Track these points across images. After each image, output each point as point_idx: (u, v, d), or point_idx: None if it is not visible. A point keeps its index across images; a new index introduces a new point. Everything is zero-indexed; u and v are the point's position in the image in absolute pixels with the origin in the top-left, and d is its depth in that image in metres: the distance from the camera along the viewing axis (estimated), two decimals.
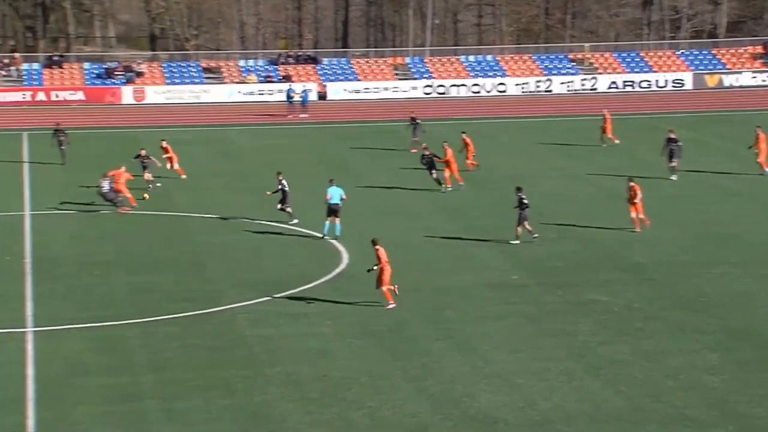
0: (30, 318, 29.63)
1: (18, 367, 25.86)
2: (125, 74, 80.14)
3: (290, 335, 28.49)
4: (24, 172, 51.50)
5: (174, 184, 48.86)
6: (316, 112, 72.60)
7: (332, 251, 36.97)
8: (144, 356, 26.86)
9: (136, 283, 33.26)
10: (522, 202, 37.35)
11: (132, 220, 41.82)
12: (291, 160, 55.40)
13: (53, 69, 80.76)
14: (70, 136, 54.65)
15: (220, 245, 37.84)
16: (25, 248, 37.21)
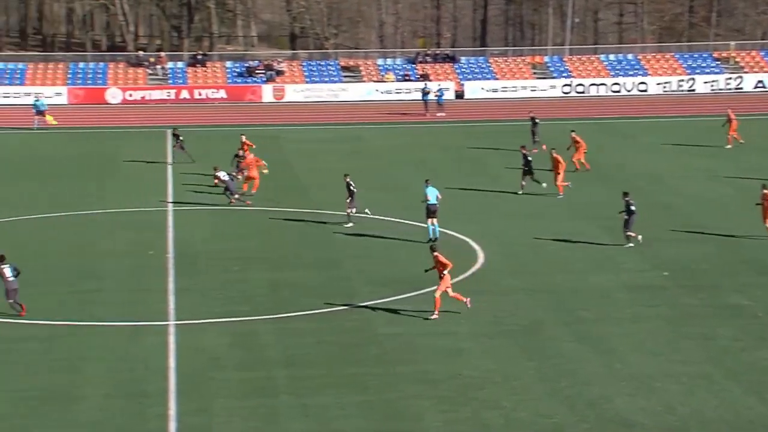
0: (172, 312, 30.30)
1: (160, 360, 26.47)
2: (266, 73, 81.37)
3: (423, 333, 28.51)
4: (168, 168, 52.70)
5: (313, 182, 49.41)
6: (453, 110, 72.53)
7: (468, 250, 36.89)
8: (279, 352, 27.20)
9: (272, 279, 33.71)
10: (629, 207, 36.59)
11: (269, 216, 42.41)
12: (428, 158, 55.48)
13: (197, 68, 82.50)
14: (210, 134, 55.69)
15: (355, 243, 38.11)
16: (167, 243, 38.06)
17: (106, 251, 37.01)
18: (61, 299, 31.48)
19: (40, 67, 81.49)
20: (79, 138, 62.48)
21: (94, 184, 48.66)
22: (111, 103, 77.24)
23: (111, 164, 53.54)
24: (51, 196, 46.10)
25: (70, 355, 26.84)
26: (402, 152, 57.97)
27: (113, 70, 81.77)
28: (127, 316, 29.89)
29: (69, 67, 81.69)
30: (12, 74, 79.96)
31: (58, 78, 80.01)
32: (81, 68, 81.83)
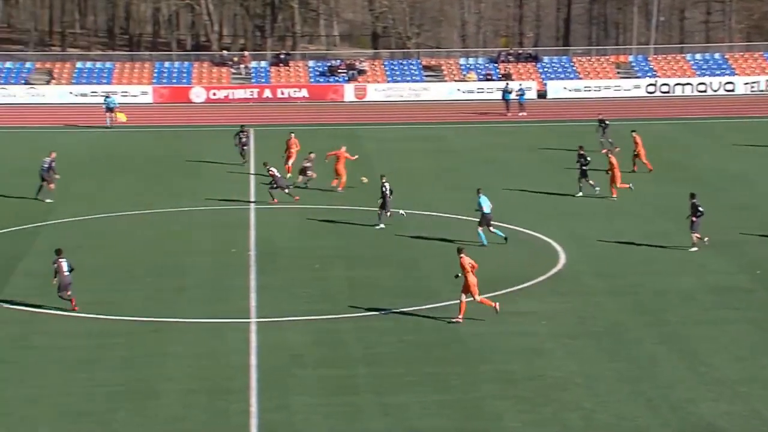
0: (254, 309, 30.52)
1: (243, 357, 26.67)
2: (348, 72, 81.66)
3: (505, 333, 28.37)
4: (251, 166, 53.11)
5: (393, 181, 49.36)
6: (535, 110, 72.12)
7: (550, 251, 36.64)
8: (360, 350, 27.25)
9: (353, 278, 33.79)
10: (697, 209, 35.92)
11: (349, 215, 42.52)
12: (509, 159, 55.24)
13: (279, 67, 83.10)
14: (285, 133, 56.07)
15: (435, 243, 38.03)
16: (249, 241, 38.36)
17: (189, 249, 37.41)
18: (145, 296, 31.88)
19: (127, 66, 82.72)
20: (164, 137, 63.26)
21: (179, 183, 49.22)
22: (195, 102, 78.11)
23: (195, 163, 54.12)
24: (137, 193, 46.72)
25: (154, 351, 27.15)
26: (483, 152, 57.77)
27: (197, 70, 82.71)
28: (210, 313, 30.17)
29: (154, 67, 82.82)
30: (99, 73, 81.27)
31: (144, 77, 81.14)
32: (166, 67, 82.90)
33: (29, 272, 34.20)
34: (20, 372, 25.66)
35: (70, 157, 53.35)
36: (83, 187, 47.83)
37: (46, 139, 62.56)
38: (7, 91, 77.38)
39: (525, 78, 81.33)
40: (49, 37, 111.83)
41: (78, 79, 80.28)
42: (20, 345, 27.44)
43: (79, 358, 26.57)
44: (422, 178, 50.38)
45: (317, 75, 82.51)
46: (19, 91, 77.53)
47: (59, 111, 74.03)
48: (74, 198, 45.55)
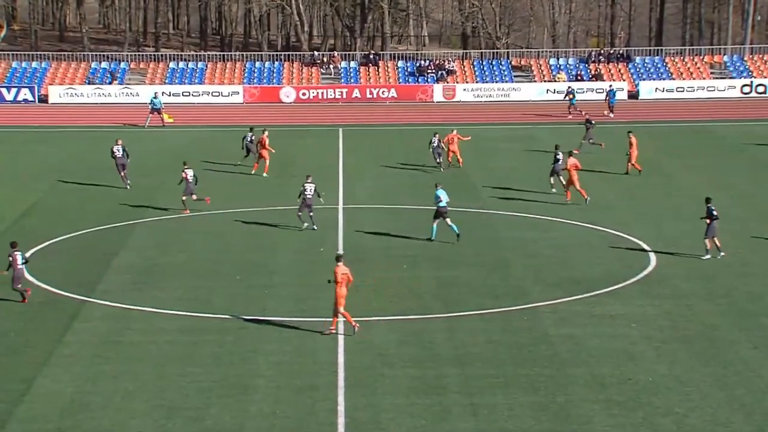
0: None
1: (331, 355, 26.73)
2: (437, 72, 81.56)
3: (595, 336, 28.05)
4: (339, 166, 53.32)
5: (482, 181, 49.24)
6: (627, 111, 71.27)
7: (640, 253, 36.17)
8: (448, 350, 27.15)
9: (441, 278, 33.70)
10: (712, 213, 34.97)
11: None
12: (601, 159, 54.66)
13: (369, 67, 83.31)
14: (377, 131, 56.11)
15: (525, 243, 37.79)
16: (338, 241, 38.48)
17: (279, 247, 37.65)
18: (235, 293, 32.14)
19: (218, 66, 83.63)
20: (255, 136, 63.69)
21: (270, 181, 49.56)
22: (285, 102, 78.68)
23: (285, 162, 54.44)
24: (229, 192, 47.13)
25: (244, 348, 27.35)
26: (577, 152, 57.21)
27: (288, 70, 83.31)
28: (298, 311, 30.31)
29: (245, 67, 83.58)
30: (192, 74, 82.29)
31: (235, 77, 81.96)
32: (257, 68, 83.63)
33: (123, 268, 34.72)
34: (115, 367, 26.03)
35: (165, 155, 53.99)
36: (176, 185, 48.38)
37: (137, 137, 63.52)
38: (102, 91, 78.68)
39: (616, 78, 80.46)
40: (143, 38, 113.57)
41: (171, 79, 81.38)
42: (114, 341, 27.84)
43: (172, 354, 26.87)
44: (513, 179, 50.12)
45: (406, 75, 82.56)
46: (114, 91, 78.78)
47: None
48: (167, 195, 46.12)
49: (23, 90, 78.33)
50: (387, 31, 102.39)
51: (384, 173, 50.63)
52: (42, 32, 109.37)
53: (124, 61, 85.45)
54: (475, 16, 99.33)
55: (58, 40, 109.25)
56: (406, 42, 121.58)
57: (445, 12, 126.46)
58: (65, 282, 32.88)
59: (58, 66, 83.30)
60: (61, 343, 27.58)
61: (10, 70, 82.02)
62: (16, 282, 30.77)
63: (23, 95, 78.30)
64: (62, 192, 47.64)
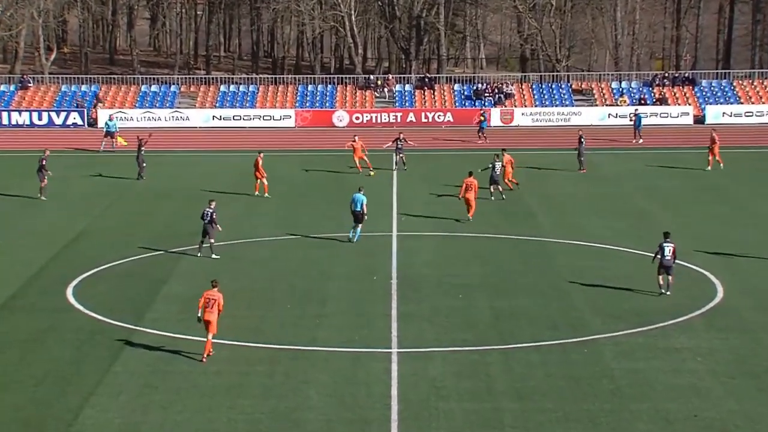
0: (395, 338, 30.57)
1: (383, 387, 26.70)
2: (494, 95, 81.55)
3: (659, 370, 27.77)
4: (393, 191, 53.39)
5: (540, 208, 49.08)
6: (691, 136, 70.77)
7: (706, 283, 35.82)
8: (505, 383, 27.01)
9: (497, 308, 33.57)
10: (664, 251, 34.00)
11: (493, 243, 42.38)
12: (663, 185, 54.36)
13: (424, 90, 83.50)
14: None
15: (584, 271, 37.57)
16: (391, 268, 38.50)
17: (331, 274, 37.72)
18: (285, 322, 32.23)
19: (270, 89, 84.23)
20: (308, 161, 64.03)
21: (322, 208, 49.73)
22: (337, 126, 79.01)
23: (338, 187, 54.64)
24: (280, 218, 47.35)
25: (294, 379, 27.39)
26: (636, 178, 56.99)
27: (341, 93, 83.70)
28: (350, 341, 30.32)
29: (297, 90, 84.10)
30: (243, 97, 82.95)
31: (287, 100, 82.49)
32: (309, 91, 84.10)
33: (172, 296, 34.97)
34: (163, 397, 26.18)
35: (217, 180, 54.39)
36: (229, 211, 48.74)
37: (190, 162, 64.11)
38: (152, 114, 79.52)
39: (681, 103, 79.95)
40: (194, 60, 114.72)
41: (221, 103, 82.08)
42: (163, 370, 28.00)
43: (221, 384, 26.98)
44: (573, 205, 49.93)
45: (462, 98, 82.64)
46: (165, 114, 79.58)
47: (203, 135, 75.75)
48: (221, 222, 46.42)
49: (72, 114, 79.37)
50: (443, 53, 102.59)
51: (439, 200, 50.61)
52: (92, 55, 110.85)
53: (174, 84, 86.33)
54: (535, 38, 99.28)
55: (109, 63, 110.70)
56: (462, 65, 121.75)
57: (503, 34, 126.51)
58: (114, 310, 33.17)
59: (108, 89, 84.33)
60: (109, 372, 27.81)
61: (59, 93, 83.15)
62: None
63: (72, 119, 79.36)
64: (111, 217, 48.12)
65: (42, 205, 50.67)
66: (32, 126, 78.50)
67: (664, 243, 34.15)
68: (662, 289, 34.22)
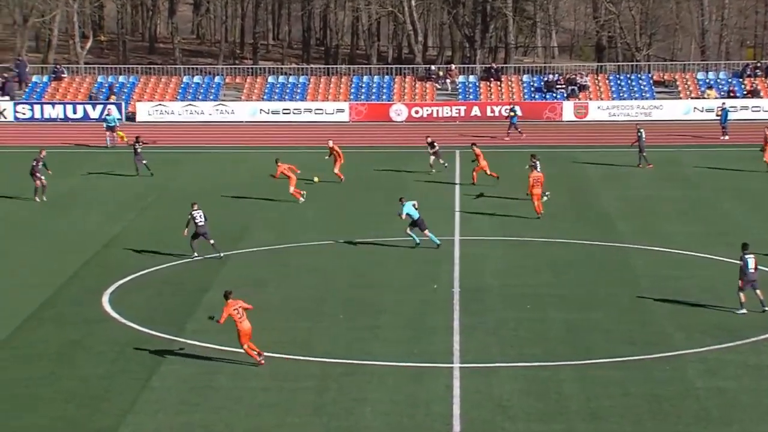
0: (457, 353, 30.47)
1: (444, 406, 26.61)
2: (567, 87, 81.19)
3: (750, 390, 27.46)
4: (455, 193, 53.30)
5: (617, 211, 48.77)
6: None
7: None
8: (579, 402, 26.83)
9: (570, 320, 33.37)
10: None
11: (565, 249, 42.16)
12: (753, 187, 53.81)
13: (490, 82, 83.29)
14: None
15: (667, 281, 37.26)
16: (453, 276, 38.40)
17: (385, 284, 37.70)
18: (337, 335, 32.24)
19: (322, 81, 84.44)
20: (363, 158, 64.05)
21: (377, 210, 49.72)
22: (395, 120, 79.04)
23: (396, 187, 54.60)
24: (329, 221, 47.43)
25: (347, 396, 27.39)
26: (723, 179, 56.47)
27: (399, 85, 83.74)
28: (408, 355, 30.26)
29: (352, 81, 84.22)
30: (293, 89, 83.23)
31: (340, 93, 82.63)
32: (365, 82, 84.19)
33: (214, 306, 35.05)
34: (205, 416, 26.26)
35: (261, 179, 54.63)
36: (273, 213, 48.92)
37: (235, 158, 64.40)
38: (195, 108, 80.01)
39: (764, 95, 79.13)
40: (240, 49, 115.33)
41: (269, 95, 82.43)
42: (204, 386, 28.11)
43: (267, 402, 27.03)
44: (653, 208, 49.55)
45: (532, 91, 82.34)
46: (208, 108, 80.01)
47: (249, 129, 76.10)
48: (264, 225, 46.63)
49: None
50: (511, 41, 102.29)
51: (506, 202, 50.41)
52: (130, 44, 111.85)
53: (218, 74, 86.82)
54: (612, 24, 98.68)
55: (148, 53, 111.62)
56: (532, 54, 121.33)
57: (577, 20, 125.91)
58: (152, 320, 33.37)
59: (147, 80, 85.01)
60: (146, 388, 27.96)
61: (95, 84, 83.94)
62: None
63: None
64: (150, 220, 48.46)
65: (73, 207, 51.14)
66: (66, 120, 79.26)
67: (746, 255, 33.72)
68: (744, 307, 33.60)
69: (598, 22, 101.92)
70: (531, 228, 45.38)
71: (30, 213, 49.78)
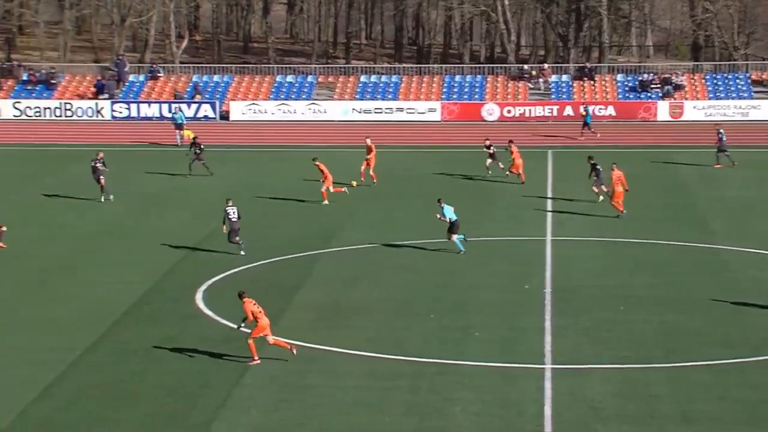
0: (549, 353, 30.35)
1: (536, 407, 26.52)
2: (662, 87, 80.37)
3: None
4: (547, 193, 53.03)
5: (714, 212, 48.21)
6: None
7: None
8: (673, 406, 26.57)
9: (665, 322, 33.07)
10: None
11: (659, 250, 41.78)
12: None
13: (584, 81, 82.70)
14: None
15: (765, 283, 36.74)
16: (545, 277, 38.24)
17: (477, 283, 37.64)
18: (428, 334, 32.26)
19: (414, 80, 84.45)
20: (453, 158, 64.00)
21: (468, 209, 49.63)
22: (487, 120, 78.79)
23: (486, 187, 54.54)
24: (421, 221, 47.43)
25: (438, 396, 27.40)
26: None
27: (491, 84, 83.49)
28: (499, 356, 30.21)
29: (444, 81, 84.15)
30: (385, 88, 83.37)
31: (432, 92, 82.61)
32: (457, 81, 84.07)
33: (307, 304, 35.33)
34: (297, 414, 26.43)
35: (350, 178, 54.83)
36: (366, 212, 49.06)
37: (327, 158, 64.64)
38: (288, 107, 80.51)
39: None
40: (333, 48, 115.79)
41: (361, 94, 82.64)
42: (296, 384, 28.30)
43: (359, 400, 27.13)
44: (751, 209, 48.91)
45: (626, 90, 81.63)
46: (300, 107, 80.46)
47: (341, 128, 76.34)
48: (354, 224, 46.78)
49: (204, 106, 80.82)
50: (605, 40, 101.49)
51: (598, 203, 50.01)
52: (225, 43, 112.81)
53: (311, 74, 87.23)
54: (709, 22, 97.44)
55: (242, 52, 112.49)
56: (627, 53, 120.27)
57: (673, 18, 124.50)
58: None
59: (241, 79, 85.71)
60: (239, 385, 28.22)
61: (190, 84, 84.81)
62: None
63: (204, 111, 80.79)
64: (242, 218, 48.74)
65: (166, 205, 51.69)
66: (162, 118, 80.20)
67: None
68: None
69: (695, 20, 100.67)
70: (624, 228, 45.04)
71: (125, 210, 50.44)
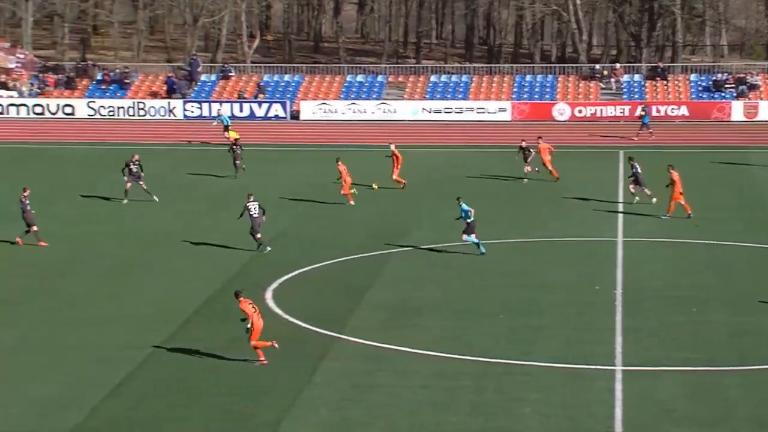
0: (619, 355, 30.18)
1: (606, 408, 26.38)
2: (737, 87, 79.56)
3: None
4: (618, 193, 52.69)
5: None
6: None
7: None
8: (746, 409, 26.33)
9: (736, 324, 32.77)
10: None
11: (731, 251, 41.40)
12: None
13: (656, 81, 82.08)
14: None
15: None
16: (616, 278, 38.03)
17: (547, 284, 37.52)
18: (497, 334, 32.22)
19: (485, 80, 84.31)
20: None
21: (540, 210, 49.51)
22: (558, 119, 78.49)
23: (557, 187, 54.30)
24: (489, 221, 47.29)
25: (505, 396, 27.37)
26: None
27: (562, 84, 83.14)
28: (568, 356, 30.09)
29: (514, 80, 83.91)
30: (455, 88, 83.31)
31: (502, 92, 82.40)
32: (527, 81, 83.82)
33: (376, 303, 35.41)
34: (366, 413, 26.52)
35: (421, 177, 54.84)
36: (435, 211, 49.05)
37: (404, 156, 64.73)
38: (358, 107, 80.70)
39: None
40: (403, 48, 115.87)
41: (432, 94, 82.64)
42: (366, 383, 28.39)
43: (427, 400, 27.15)
44: None
45: (700, 90, 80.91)
46: (370, 106, 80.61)
47: (411, 128, 76.35)
48: (425, 223, 46.79)
49: (275, 105, 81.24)
50: (678, 39, 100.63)
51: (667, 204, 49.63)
52: (296, 43, 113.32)
53: (381, 73, 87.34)
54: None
55: (313, 52, 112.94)
56: (700, 52, 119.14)
57: (748, 18, 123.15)
58: (314, 317, 33.77)
59: (312, 79, 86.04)
60: (309, 383, 28.35)
61: (261, 83, 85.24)
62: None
63: (274, 111, 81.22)
64: (309, 218, 49.00)
65: (234, 206, 51.89)
66: (233, 118, 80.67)
67: None
68: None
69: None
70: (696, 230, 44.66)
71: (195, 209, 50.82)
